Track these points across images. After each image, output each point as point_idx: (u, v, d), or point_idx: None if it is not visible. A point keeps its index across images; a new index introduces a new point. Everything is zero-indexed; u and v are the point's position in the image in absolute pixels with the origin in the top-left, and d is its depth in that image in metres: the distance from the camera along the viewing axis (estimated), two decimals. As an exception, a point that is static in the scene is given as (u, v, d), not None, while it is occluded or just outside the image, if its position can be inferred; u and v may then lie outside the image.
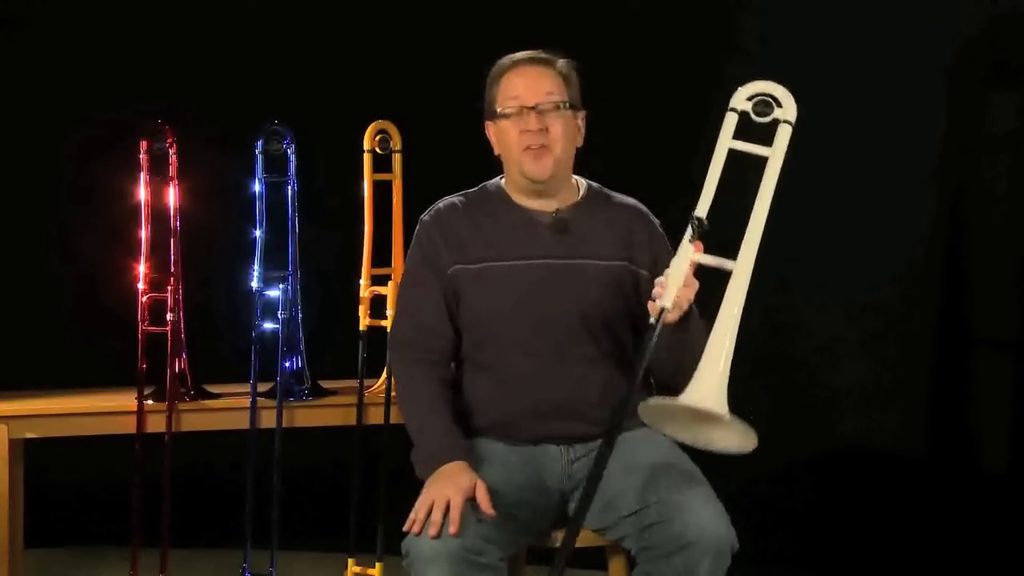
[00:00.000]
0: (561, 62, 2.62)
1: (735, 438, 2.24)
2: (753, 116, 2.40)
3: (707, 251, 2.30)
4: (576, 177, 2.70)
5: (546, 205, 2.63)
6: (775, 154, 2.39)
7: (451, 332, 2.61)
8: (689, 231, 2.30)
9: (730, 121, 2.40)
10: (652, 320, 2.29)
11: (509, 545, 2.37)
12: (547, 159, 2.56)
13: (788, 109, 2.41)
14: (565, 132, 2.58)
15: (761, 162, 2.37)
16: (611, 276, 2.59)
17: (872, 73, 3.73)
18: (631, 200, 2.72)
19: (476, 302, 2.58)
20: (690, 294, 2.32)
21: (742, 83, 2.43)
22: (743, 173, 2.36)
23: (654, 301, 2.30)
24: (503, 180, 2.69)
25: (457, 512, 2.27)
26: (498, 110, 2.60)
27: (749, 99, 2.41)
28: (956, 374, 3.81)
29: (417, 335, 2.60)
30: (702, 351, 2.26)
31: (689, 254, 2.29)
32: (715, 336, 2.25)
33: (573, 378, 2.55)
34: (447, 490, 2.31)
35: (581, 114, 2.65)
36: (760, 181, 2.35)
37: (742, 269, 2.30)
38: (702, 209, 2.33)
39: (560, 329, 2.55)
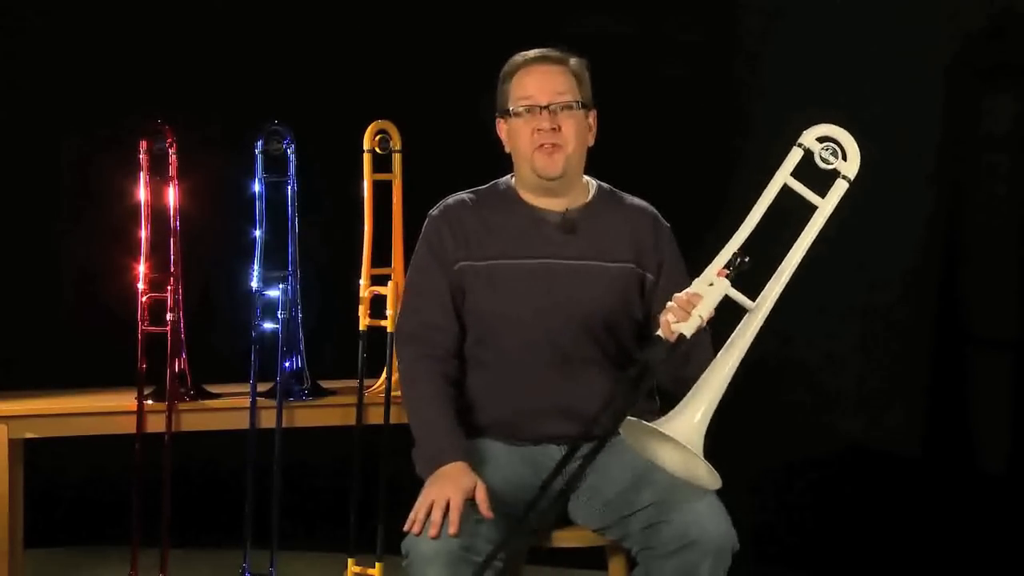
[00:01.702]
0: (573, 60, 2.62)
1: (702, 475, 2.25)
2: (817, 159, 2.38)
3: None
4: (587, 177, 2.70)
5: (555, 204, 2.63)
6: (825, 207, 2.37)
7: (456, 328, 2.61)
8: (727, 263, 2.30)
9: (794, 156, 2.38)
10: (660, 334, 2.29)
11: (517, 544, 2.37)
12: (559, 156, 2.56)
13: (852, 165, 2.39)
14: (577, 131, 2.58)
15: (799, 204, 2.35)
16: (617, 278, 2.59)
17: (871, 73, 3.72)
18: (642, 202, 2.71)
19: (481, 300, 2.58)
20: (704, 322, 2.33)
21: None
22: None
23: (664, 317, 2.30)
24: (513, 179, 2.69)
25: (457, 513, 2.28)
26: (510, 109, 2.60)
27: (819, 140, 2.39)
28: (955, 374, 3.81)
29: (422, 331, 2.60)
30: (708, 361, 2.27)
31: (724, 288, 2.28)
32: (713, 371, 2.26)
33: (575, 379, 2.55)
34: (447, 490, 2.31)
35: (592, 113, 2.65)
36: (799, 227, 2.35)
37: (759, 312, 2.30)
38: (741, 237, 2.33)
39: (564, 329, 2.55)
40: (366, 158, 3.34)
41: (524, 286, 2.56)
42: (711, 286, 2.30)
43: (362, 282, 3.33)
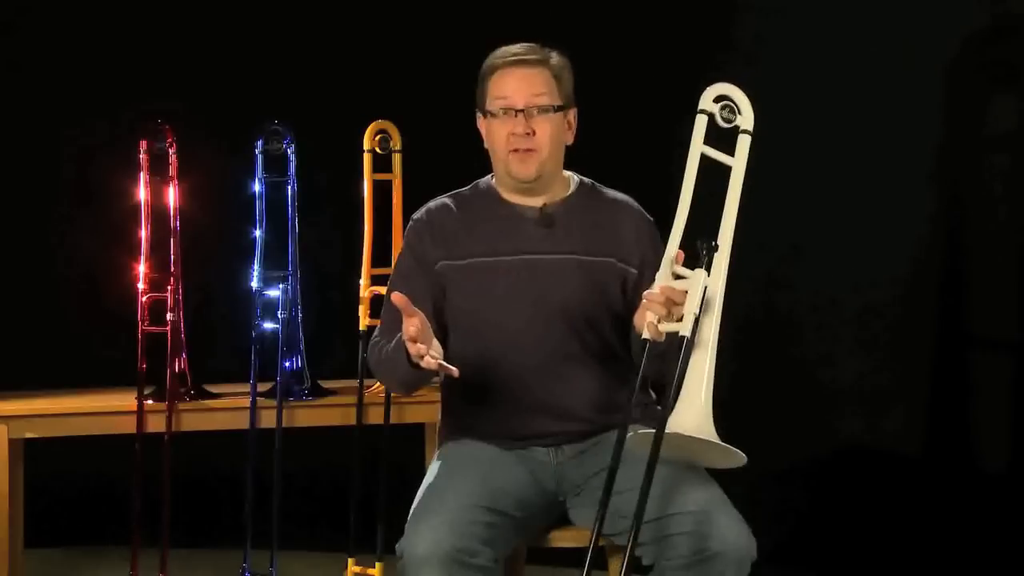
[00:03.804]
0: (554, 59, 2.59)
1: (722, 458, 2.25)
2: (719, 120, 2.37)
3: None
4: (568, 172, 2.69)
5: (534, 201, 2.62)
6: (737, 164, 2.36)
7: (437, 331, 2.58)
8: (700, 254, 2.29)
9: (700, 123, 2.37)
10: (647, 336, 2.29)
11: (504, 546, 2.36)
12: (532, 161, 2.55)
13: (747, 118, 2.37)
14: (552, 134, 2.56)
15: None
16: (596, 272, 2.58)
17: (871, 73, 3.73)
18: (623, 196, 2.70)
19: (461, 297, 2.58)
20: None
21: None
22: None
23: (648, 319, 2.29)
24: (493, 178, 2.69)
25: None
26: (488, 108, 2.60)
27: (716, 101, 2.39)
28: (956, 374, 3.81)
29: (398, 331, 2.59)
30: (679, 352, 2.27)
31: (703, 278, 2.27)
32: (696, 358, 2.25)
33: (557, 374, 2.54)
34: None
35: (572, 111, 2.64)
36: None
37: (717, 284, 2.30)
38: (681, 220, 2.33)
39: (543, 324, 2.54)
40: (366, 158, 3.35)
41: (503, 282, 2.56)
42: (686, 279, 2.29)
43: (362, 282, 3.33)
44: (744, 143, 2.37)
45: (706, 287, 2.28)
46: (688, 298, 2.26)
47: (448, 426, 2.66)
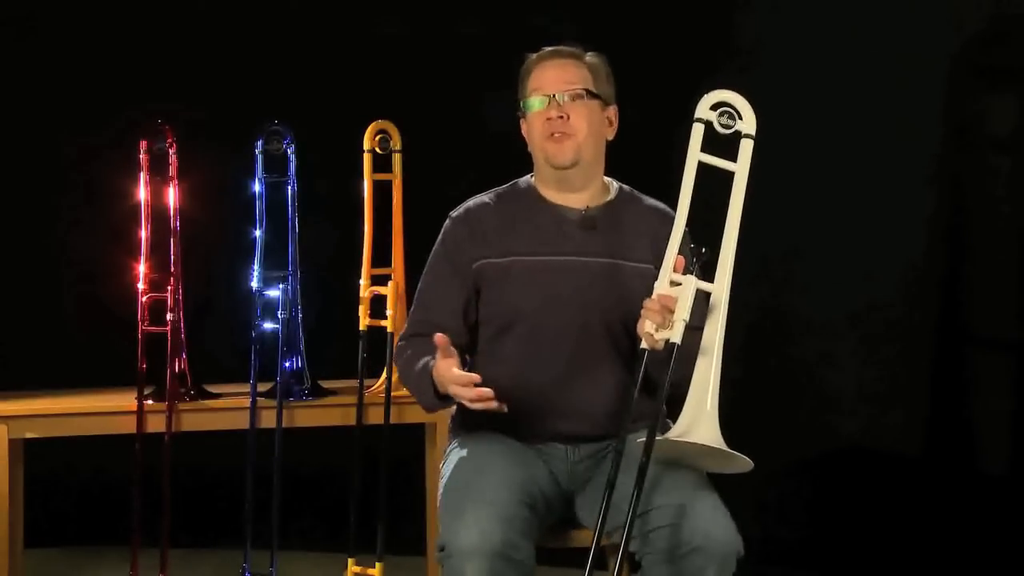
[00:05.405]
0: (589, 55, 2.63)
1: (728, 463, 2.26)
2: (717, 127, 2.37)
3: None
4: (608, 179, 2.69)
5: (575, 201, 2.62)
6: (740, 169, 2.36)
7: (463, 334, 2.59)
8: (690, 260, 2.30)
9: (697, 132, 2.37)
10: (645, 346, 2.29)
11: (535, 541, 2.37)
12: (568, 144, 2.55)
13: (749, 122, 2.37)
14: (588, 121, 2.56)
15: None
16: (635, 277, 2.57)
17: (872, 73, 3.73)
18: (661, 204, 2.70)
19: (499, 295, 2.57)
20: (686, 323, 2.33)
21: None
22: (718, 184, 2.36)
23: (644, 330, 2.30)
24: (534, 177, 2.69)
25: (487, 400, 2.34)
26: (524, 102, 2.61)
27: (713, 108, 2.39)
28: (956, 374, 3.81)
29: (427, 329, 2.58)
30: (694, 357, 2.28)
31: (694, 285, 2.28)
32: (701, 364, 2.26)
33: (586, 377, 2.54)
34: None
35: (612, 108, 2.64)
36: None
37: (721, 290, 2.30)
38: (679, 228, 2.33)
39: (579, 326, 2.54)
40: (366, 158, 3.35)
41: (542, 282, 2.55)
42: (679, 286, 2.29)
43: (362, 282, 3.33)
44: (747, 148, 2.37)
45: (709, 294, 2.29)
46: (678, 305, 2.27)
47: (464, 417, 2.63)
